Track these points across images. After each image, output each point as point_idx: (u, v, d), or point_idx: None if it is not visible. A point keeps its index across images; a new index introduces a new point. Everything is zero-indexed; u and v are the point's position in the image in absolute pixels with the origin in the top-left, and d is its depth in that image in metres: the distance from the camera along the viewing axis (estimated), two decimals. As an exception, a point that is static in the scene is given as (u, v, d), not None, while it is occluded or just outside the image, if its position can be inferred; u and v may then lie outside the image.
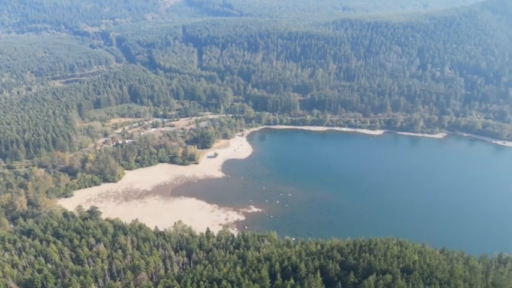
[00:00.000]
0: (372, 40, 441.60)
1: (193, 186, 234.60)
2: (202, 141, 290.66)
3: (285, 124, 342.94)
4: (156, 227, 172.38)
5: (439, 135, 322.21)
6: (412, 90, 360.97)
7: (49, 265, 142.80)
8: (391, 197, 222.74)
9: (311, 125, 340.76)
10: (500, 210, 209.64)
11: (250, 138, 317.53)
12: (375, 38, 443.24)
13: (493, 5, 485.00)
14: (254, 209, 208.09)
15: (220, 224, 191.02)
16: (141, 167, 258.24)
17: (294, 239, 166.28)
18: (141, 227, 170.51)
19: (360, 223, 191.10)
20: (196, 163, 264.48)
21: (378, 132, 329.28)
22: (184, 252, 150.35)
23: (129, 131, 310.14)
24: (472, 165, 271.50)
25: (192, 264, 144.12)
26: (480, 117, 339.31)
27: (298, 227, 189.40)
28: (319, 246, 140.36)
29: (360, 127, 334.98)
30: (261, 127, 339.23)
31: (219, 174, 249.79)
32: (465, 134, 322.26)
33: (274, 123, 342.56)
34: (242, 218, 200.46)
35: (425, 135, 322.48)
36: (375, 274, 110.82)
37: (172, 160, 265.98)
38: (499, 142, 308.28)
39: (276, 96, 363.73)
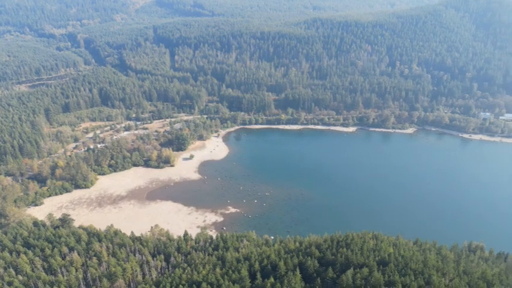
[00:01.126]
0: (342, 39, 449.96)
1: (170, 189, 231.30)
2: (177, 143, 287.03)
3: (261, 124, 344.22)
4: (132, 232, 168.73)
5: (409, 130, 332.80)
6: (383, 87, 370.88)
7: (20, 277, 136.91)
8: (366, 191, 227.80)
9: (286, 123, 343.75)
10: (468, 201, 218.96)
11: (226, 138, 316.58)
12: (345, 37, 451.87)
13: (456, 3, 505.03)
14: (232, 210, 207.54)
15: (198, 226, 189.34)
16: (115, 171, 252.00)
17: (272, 237, 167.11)
18: (116, 233, 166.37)
19: (336, 219, 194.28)
20: (171, 166, 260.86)
21: (351, 129, 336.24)
22: (162, 256, 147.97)
23: (101, 135, 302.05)
24: (441, 158, 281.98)
25: (170, 269, 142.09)
26: (447, 111, 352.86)
27: (276, 226, 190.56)
28: (297, 244, 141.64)
29: (334, 124, 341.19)
30: (236, 127, 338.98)
31: (196, 176, 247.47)
32: (433, 129, 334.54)
33: (250, 123, 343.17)
34: (220, 219, 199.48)
35: (396, 130, 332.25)
36: (352, 268, 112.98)
37: (147, 163, 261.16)
38: (465, 135, 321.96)
39: (251, 96, 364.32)
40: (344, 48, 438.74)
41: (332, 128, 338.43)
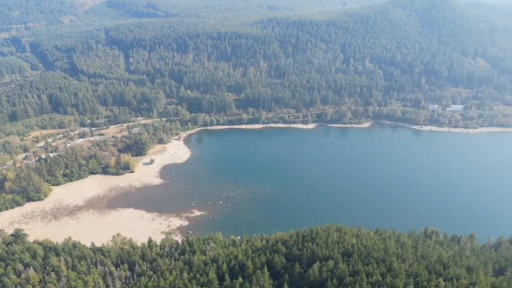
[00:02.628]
0: (298, 38, 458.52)
1: (131, 196, 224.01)
2: (137, 148, 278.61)
3: (222, 124, 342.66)
4: (92, 243, 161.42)
5: (366, 125, 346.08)
6: (339, 84, 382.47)
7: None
8: (328, 186, 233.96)
9: (248, 123, 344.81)
10: (422, 189, 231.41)
11: (187, 141, 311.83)
12: (301, 36, 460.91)
13: (403, 1, 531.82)
14: (197, 213, 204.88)
15: (162, 232, 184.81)
16: (70, 181, 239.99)
17: (239, 237, 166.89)
18: (75, 245, 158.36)
19: (301, 214, 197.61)
20: (131, 171, 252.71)
21: (311, 126, 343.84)
22: (126, 265, 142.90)
23: (53, 144, 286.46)
24: (396, 150, 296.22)
25: (135, 277, 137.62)
26: (399, 105, 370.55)
27: (243, 225, 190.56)
28: (264, 242, 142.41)
29: (294, 122, 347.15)
30: (197, 129, 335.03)
31: (158, 181, 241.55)
32: (388, 122, 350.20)
33: (211, 124, 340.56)
34: (185, 223, 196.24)
35: (353, 125, 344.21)
36: (318, 261, 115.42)
37: (105, 171, 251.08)
38: (417, 127, 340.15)
39: (211, 97, 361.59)
40: (300, 47, 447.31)
41: (292, 125, 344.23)
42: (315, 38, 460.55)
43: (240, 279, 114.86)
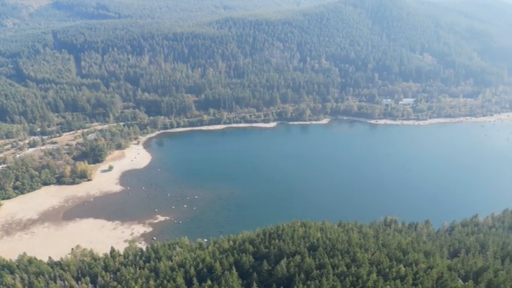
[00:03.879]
0: (255, 38, 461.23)
1: (89, 205, 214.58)
2: (93, 155, 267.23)
3: (183, 126, 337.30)
4: (49, 257, 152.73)
5: (324, 121, 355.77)
6: (297, 83, 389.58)
7: None
8: (291, 182, 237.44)
9: (209, 124, 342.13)
10: (380, 179, 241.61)
11: (147, 145, 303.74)
12: (258, 36, 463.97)
13: (353, 1, 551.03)
14: (161, 218, 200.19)
15: (125, 241, 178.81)
16: (22, 193, 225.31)
17: (206, 240, 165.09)
18: (31, 261, 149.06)
19: (267, 212, 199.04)
20: (89, 180, 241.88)
21: (272, 124, 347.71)
22: (87, 278, 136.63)
23: (1, 155, 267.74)
24: (354, 143, 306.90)
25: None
26: (355, 101, 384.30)
27: (209, 227, 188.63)
28: (231, 242, 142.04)
29: (255, 121, 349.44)
30: (157, 132, 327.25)
31: (118, 188, 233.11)
32: (345, 117, 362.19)
33: (171, 127, 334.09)
34: (149, 229, 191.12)
35: (313, 122, 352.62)
36: (285, 257, 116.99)
37: (60, 181, 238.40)
38: (372, 121, 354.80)
39: (170, 99, 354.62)
40: (258, 46, 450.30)
41: (254, 124, 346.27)
42: (271, 37, 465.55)
43: (209, 282, 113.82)
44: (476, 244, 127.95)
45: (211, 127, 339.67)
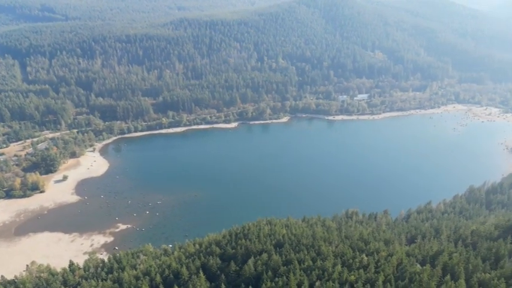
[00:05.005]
0: (212, 38, 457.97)
1: (44, 218, 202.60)
2: (45, 165, 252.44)
3: (141, 131, 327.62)
4: (2, 276, 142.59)
5: (284, 119, 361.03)
6: (256, 82, 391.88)
7: None
8: (255, 181, 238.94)
9: (169, 127, 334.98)
10: (340, 173, 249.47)
11: (104, 152, 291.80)
12: (214, 36, 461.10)
13: (307, 0, 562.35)
14: (122, 226, 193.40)
15: (85, 253, 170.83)
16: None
17: (171, 245, 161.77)
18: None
19: (232, 213, 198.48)
20: (42, 192, 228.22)
21: (233, 124, 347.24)
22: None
23: None
24: (313, 140, 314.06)
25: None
26: (313, 98, 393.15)
27: (173, 233, 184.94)
28: (197, 246, 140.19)
29: (216, 122, 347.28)
30: (114, 138, 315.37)
31: (74, 199, 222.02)
32: (304, 115, 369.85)
33: (129, 132, 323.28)
34: (110, 239, 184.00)
35: (273, 121, 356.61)
36: (252, 257, 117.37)
37: (10, 194, 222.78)
38: (330, 117, 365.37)
39: (126, 103, 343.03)
40: (215, 47, 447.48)
41: (215, 125, 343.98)
42: (228, 37, 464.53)
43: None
44: (431, 229, 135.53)
45: (171, 130, 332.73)
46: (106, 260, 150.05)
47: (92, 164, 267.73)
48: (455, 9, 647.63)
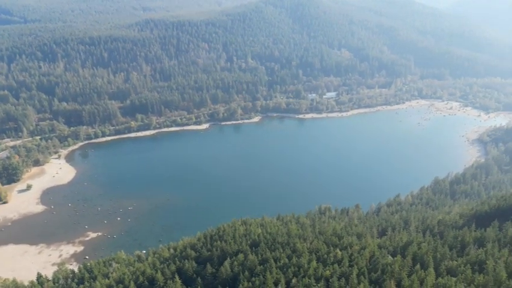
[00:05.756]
0: (179, 39, 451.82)
1: (7, 230, 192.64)
2: (7, 174, 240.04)
3: (109, 135, 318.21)
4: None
5: (256, 119, 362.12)
6: (226, 83, 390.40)
7: None
8: (228, 182, 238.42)
9: (138, 131, 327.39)
10: (312, 170, 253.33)
11: (70, 158, 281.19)
12: (182, 37, 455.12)
13: (273, 0, 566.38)
14: (93, 235, 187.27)
15: (54, 264, 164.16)
16: None
17: (144, 251, 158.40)
18: None
19: (206, 215, 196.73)
20: (4, 202, 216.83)
21: (204, 126, 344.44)
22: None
23: None
24: (285, 139, 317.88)
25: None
26: (283, 98, 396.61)
27: (146, 238, 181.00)
28: (172, 250, 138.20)
29: (187, 124, 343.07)
30: (80, 144, 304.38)
31: (40, 208, 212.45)
32: (275, 114, 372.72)
33: (96, 137, 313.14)
34: (80, 248, 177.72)
35: (245, 121, 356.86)
36: (229, 258, 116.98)
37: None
38: (300, 116, 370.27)
39: (91, 107, 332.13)
40: (182, 48, 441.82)
41: (186, 127, 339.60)
42: (196, 38, 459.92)
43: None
44: (400, 221, 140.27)
45: (140, 134, 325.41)
46: (76, 270, 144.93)
47: (58, 171, 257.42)
48: (416, 8, 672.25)
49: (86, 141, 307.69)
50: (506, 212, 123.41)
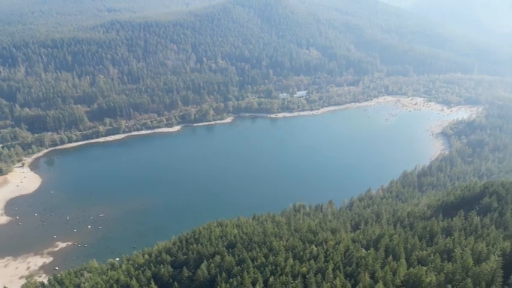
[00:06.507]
0: (146, 40, 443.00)
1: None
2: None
3: (76, 141, 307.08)
4: None
5: (228, 120, 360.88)
6: (196, 84, 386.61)
7: None
8: (202, 184, 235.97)
9: (106, 135, 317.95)
10: (285, 168, 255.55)
11: (34, 166, 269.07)
12: (149, 38, 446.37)
13: (241, 0, 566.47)
14: (62, 245, 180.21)
15: (21, 277, 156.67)
16: None
17: (118, 259, 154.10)
18: None
19: (181, 219, 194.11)
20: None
21: (176, 128, 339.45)
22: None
23: None
24: (258, 138, 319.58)
25: None
26: (254, 97, 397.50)
27: (119, 245, 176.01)
28: (147, 256, 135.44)
29: (158, 127, 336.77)
30: (45, 151, 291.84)
31: (4, 220, 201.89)
32: (247, 114, 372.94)
33: (62, 143, 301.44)
34: (49, 259, 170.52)
35: (217, 122, 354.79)
36: (205, 260, 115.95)
37: None
38: (272, 115, 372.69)
39: (56, 112, 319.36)
40: (150, 49, 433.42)
41: (157, 130, 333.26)
42: (164, 39, 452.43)
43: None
44: (372, 215, 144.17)
45: (109, 138, 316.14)
46: (46, 282, 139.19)
47: (22, 180, 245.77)
48: (380, 7, 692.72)
49: (52, 148, 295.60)
50: (471, 201, 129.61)
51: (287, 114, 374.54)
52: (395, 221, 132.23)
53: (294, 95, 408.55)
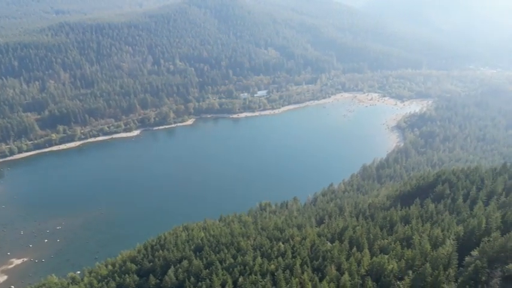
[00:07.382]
0: (99, 43, 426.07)
1: None
2: None
3: (27, 151, 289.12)
4: None
5: (189, 122, 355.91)
6: (154, 86, 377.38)
7: None
8: (165, 189, 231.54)
9: (61, 143, 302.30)
10: (250, 168, 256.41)
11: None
12: (102, 41, 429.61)
13: (197, 1, 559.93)
14: (17, 261, 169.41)
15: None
16: None
17: (79, 272, 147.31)
18: None
19: (144, 226, 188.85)
20: None
21: (135, 132, 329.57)
22: None
23: None
24: (221, 139, 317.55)
25: None
26: (215, 98, 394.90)
27: (80, 257, 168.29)
28: (110, 267, 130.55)
29: (116, 132, 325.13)
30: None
31: None
32: (209, 115, 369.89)
33: (11, 154, 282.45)
34: (3, 278, 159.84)
35: (178, 124, 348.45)
36: (172, 266, 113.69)
37: None
38: (234, 115, 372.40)
39: (3, 121, 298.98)
40: (104, 52, 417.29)
41: (115, 135, 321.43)
42: (118, 41, 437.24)
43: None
44: (335, 208, 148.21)
45: (63, 146, 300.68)
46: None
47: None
48: (333, 7, 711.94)
49: (0, 160, 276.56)
50: (426, 189, 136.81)
51: (249, 114, 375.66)
52: (358, 213, 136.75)
53: (255, 95, 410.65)
